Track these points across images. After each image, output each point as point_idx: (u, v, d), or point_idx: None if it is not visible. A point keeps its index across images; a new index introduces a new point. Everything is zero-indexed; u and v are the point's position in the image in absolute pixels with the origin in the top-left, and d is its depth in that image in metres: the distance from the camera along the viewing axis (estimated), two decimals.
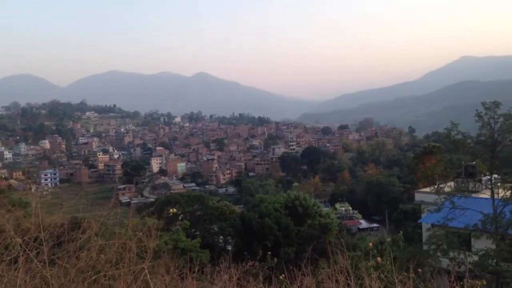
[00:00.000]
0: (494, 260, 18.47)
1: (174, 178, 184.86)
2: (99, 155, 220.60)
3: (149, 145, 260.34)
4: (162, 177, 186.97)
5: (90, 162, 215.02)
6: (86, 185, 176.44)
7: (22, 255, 4.53)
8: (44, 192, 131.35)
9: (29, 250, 4.59)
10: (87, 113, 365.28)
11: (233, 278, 7.01)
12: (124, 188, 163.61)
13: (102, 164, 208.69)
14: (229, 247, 44.55)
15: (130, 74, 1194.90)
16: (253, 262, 8.43)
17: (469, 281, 6.83)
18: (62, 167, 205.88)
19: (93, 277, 4.59)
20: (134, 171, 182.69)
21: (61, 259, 4.88)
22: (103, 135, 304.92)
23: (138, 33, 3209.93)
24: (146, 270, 3.97)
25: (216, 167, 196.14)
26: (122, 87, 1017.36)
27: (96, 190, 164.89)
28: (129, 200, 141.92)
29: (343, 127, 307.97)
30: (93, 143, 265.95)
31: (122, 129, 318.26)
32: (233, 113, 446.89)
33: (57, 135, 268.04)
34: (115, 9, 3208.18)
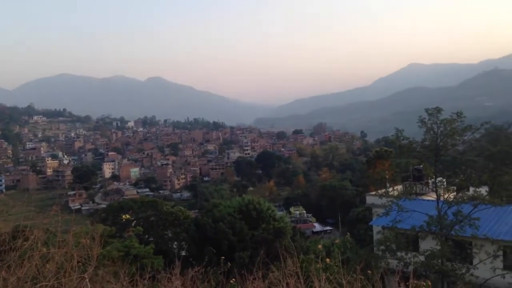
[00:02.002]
0: (439, 260, 19.22)
1: (127, 183, 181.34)
2: (47, 160, 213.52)
3: (101, 150, 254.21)
4: (115, 182, 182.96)
5: (38, 168, 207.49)
6: (34, 191, 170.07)
7: None
8: None
9: None
10: (35, 117, 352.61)
11: (184, 283, 6.99)
12: (75, 194, 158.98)
13: (51, 170, 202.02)
14: (183, 253, 44.11)
15: (82, 78, 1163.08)
16: (204, 268, 8.41)
17: (415, 281, 7.08)
18: (8, 173, 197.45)
19: (35, 287, 4.45)
20: (85, 176, 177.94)
21: (1, 269, 4.70)
22: (52, 140, 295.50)
23: (90, 35, 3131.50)
24: (87, 280, 3.88)
25: (171, 172, 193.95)
26: (73, 90, 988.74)
27: (44, 197, 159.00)
28: (79, 206, 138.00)
29: (297, 132, 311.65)
30: (42, 148, 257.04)
31: (72, 134, 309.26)
32: (188, 118, 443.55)
33: (2, 140, 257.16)
34: (65, 10, 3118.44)
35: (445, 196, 21.16)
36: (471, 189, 22.00)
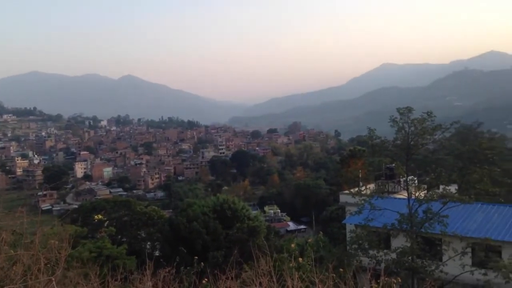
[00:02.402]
0: (410, 257, 19.59)
1: (100, 183, 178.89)
2: (17, 160, 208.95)
3: (73, 150, 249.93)
4: (87, 182, 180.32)
5: (7, 167, 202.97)
6: (2, 192, 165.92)
7: None
8: None
9: None
10: (4, 116, 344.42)
11: (156, 284, 6.94)
12: (45, 195, 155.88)
13: (21, 170, 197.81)
14: (157, 253, 43.79)
15: (53, 76, 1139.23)
16: (176, 268, 8.36)
17: (385, 278, 7.18)
18: None
19: None
20: (56, 176, 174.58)
21: None
22: (22, 139, 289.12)
23: (62, 32, 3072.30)
24: (54, 282, 3.81)
25: (145, 171, 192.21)
26: (44, 89, 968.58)
27: (14, 197, 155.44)
28: (50, 207, 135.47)
29: (272, 131, 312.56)
30: (11, 147, 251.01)
31: (43, 133, 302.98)
32: (162, 117, 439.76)
33: None
34: (35, 7, 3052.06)
35: (416, 194, 21.56)
36: (441, 187, 22.48)
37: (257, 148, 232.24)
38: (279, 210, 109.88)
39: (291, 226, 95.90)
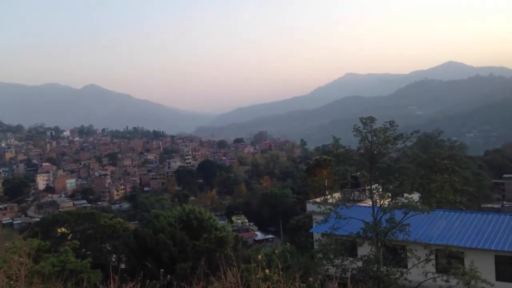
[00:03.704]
0: (375, 265, 19.92)
1: (63, 195, 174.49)
2: None
3: (34, 161, 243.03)
4: (49, 194, 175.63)
5: None
6: None
7: None
8: None
9: None
10: None
11: None
12: (5, 208, 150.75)
13: None
14: (123, 266, 43.04)
15: (11, 85, 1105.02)
16: (142, 281, 8.28)
17: (352, 287, 7.29)
18: None
19: None
20: (17, 189, 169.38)
21: None
22: None
23: (19, 41, 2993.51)
24: None
25: (109, 182, 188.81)
26: (2, 98, 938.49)
27: None
28: (11, 220, 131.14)
29: (238, 141, 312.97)
30: None
31: (3, 144, 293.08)
32: (127, 127, 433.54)
33: None
34: None
35: (380, 203, 21.97)
36: (405, 195, 23.01)
37: (223, 158, 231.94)
38: (247, 220, 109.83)
39: (259, 235, 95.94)
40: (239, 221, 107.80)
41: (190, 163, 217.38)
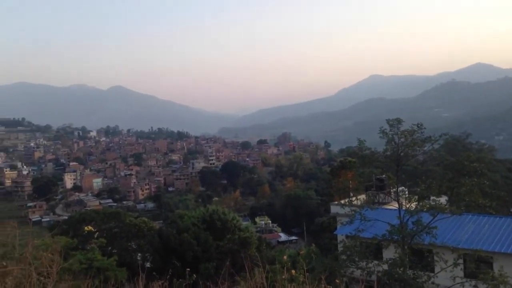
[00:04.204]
0: (401, 269, 19.63)
1: (90, 194, 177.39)
2: (6, 171, 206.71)
3: (62, 161, 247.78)
4: (77, 193, 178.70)
5: None
6: None
7: None
8: None
9: None
10: None
11: None
12: (35, 206, 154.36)
13: (10, 181, 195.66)
14: (148, 265, 43.47)
15: (40, 86, 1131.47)
16: (169, 280, 8.33)
17: None
18: None
19: None
20: (45, 187, 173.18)
21: None
22: (11, 150, 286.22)
23: (48, 43, 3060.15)
24: None
25: (134, 182, 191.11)
26: (32, 99, 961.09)
27: (2, 209, 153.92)
28: (40, 218, 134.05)
29: (262, 142, 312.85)
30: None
31: (32, 144, 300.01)
32: (152, 128, 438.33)
33: None
34: (22, 16, 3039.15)
35: (407, 206, 21.66)
36: (432, 198, 22.62)
37: (247, 159, 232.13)
38: (270, 221, 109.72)
39: (283, 237, 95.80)
40: (263, 222, 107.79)
41: (213, 164, 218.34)
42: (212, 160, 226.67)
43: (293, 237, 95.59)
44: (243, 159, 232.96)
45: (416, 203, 21.88)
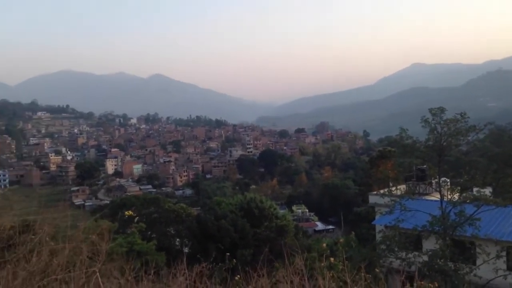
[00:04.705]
0: (442, 260, 19.23)
1: (130, 180, 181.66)
2: (51, 156, 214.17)
3: (104, 147, 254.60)
4: (118, 179, 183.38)
5: (41, 163, 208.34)
6: (37, 187, 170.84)
7: None
8: None
9: None
10: (39, 113, 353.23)
11: (190, 279, 7.01)
12: (78, 190, 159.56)
13: (55, 166, 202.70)
14: (186, 250, 44.26)
15: (83, 74, 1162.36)
16: (209, 264, 8.44)
17: (420, 282, 7.07)
18: (11, 169, 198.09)
19: (44, 281, 4.49)
20: (88, 173, 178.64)
21: (10, 263, 4.74)
22: (56, 136, 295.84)
23: (91, 32, 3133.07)
24: (98, 273, 3.92)
25: (173, 169, 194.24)
26: (75, 87, 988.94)
27: (48, 192, 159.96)
28: (82, 202, 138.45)
29: (299, 131, 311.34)
30: (45, 144, 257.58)
31: (76, 130, 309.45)
32: (190, 115, 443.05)
33: (6, 136, 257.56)
34: (66, 7, 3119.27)
35: (449, 197, 21.15)
36: (475, 189, 21.99)
37: (284, 148, 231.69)
38: (307, 210, 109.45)
39: (319, 226, 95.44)
40: (300, 211, 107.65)
41: (251, 152, 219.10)
42: (249, 148, 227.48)
43: (330, 226, 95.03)
44: (281, 147, 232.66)
45: (459, 194, 21.32)
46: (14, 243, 5.21)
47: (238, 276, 7.78)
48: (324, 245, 9.40)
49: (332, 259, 7.85)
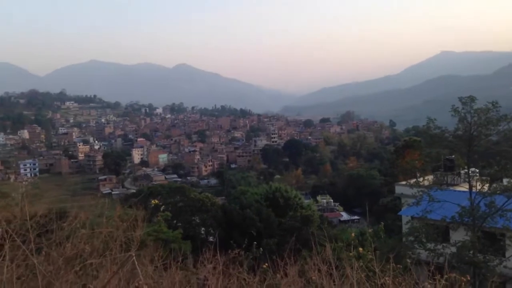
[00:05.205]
0: (471, 252, 18.94)
1: (156, 169, 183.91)
2: (79, 145, 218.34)
3: (130, 136, 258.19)
4: (144, 168, 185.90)
5: (70, 152, 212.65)
6: (66, 175, 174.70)
7: (8, 243, 4.53)
8: (24, 182, 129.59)
9: (14, 239, 4.58)
10: (67, 103, 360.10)
11: (218, 266, 7.07)
12: (105, 179, 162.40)
13: (83, 155, 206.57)
14: (211, 239, 44.69)
15: (110, 64, 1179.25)
16: (238, 251, 8.53)
17: (449, 274, 6.99)
18: (41, 157, 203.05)
19: (80, 265, 4.61)
20: (115, 162, 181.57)
21: (47, 248, 4.89)
22: (83, 125, 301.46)
23: (118, 22, 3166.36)
24: (134, 258, 4.02)
25: (198, 158, 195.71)
26: (102, 77, 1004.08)
27: (77, 181, 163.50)
28: (110, 191, 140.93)
29: (324, 120, 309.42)
30: (73, 133, 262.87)
31: (103, 120, 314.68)
32: (215, 105, 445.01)
33: (36, 125, 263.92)
34: None
35: (478, 187, 20.76)
36: (505, 180, 21.52)
37: (309, 137, 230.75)
38: (332, 200, 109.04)
39: (344, 216, 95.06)
40: (324, 200, 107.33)
41: (276, 141, 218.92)
42: (274, 138, 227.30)
43: (355, 217, 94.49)
44: (305, 137, 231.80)
45: (489, 184, 20.90)
46: (49, 229, 5.35)
47: (266, 264, 7.83)
48: (353, 234, 9.36)
49: (361, 249, 7.82)
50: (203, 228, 49.78)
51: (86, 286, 4.37)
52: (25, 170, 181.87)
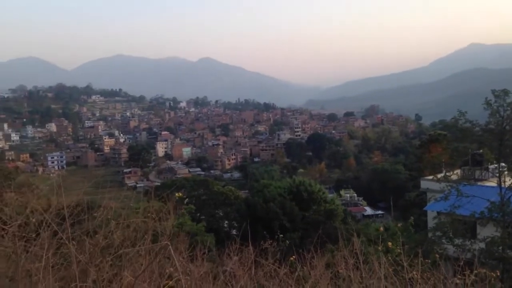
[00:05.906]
0: (500, 248, 18.60)
1: (180, 162, 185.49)
2: (105, 138, 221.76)
3: (155, 130, 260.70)
4: (168, 161, 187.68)
5: (96, 145, 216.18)
6: (92, 168, 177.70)
7: (45, 232, 4.65)
8: (51, 175, 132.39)
9: (50, 227, 4.71)
10: (93, 97, 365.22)
11: (245, 258, 7.09)
12: (130, 172, 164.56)
13: (108, 148, 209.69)
14: (234, 232, 44.95)
15: (137, 59, 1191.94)
16: (271, 241, 8.58)
17: (479, 270, 6.85)
18: (68, 150, 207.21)
19: (115, 254, 4.71)
20: (139, 155, 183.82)
21: (77, 238, 5.00)
22: (109, 119, 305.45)
23: (144, 17, 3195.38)
24: (170, 247, 4.08)
25: (221, 152, 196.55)
26: (128, 71, 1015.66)
27: (102, 174, 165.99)
28: (134, 183, 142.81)
29: (348, 114, 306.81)
30: (99, 126, 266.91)
31: (128, 113, 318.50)
32: (239, 99, 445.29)
33: (63, 118, 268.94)
34: None
35: (508, 182, 20.33)
36: None
37: (333, 131, 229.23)
38: (355, 195, 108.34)
39: (368, 211, 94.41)
40: (348, 195, 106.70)
41: (299, 135, 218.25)
42: (297, 131, 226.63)
43: (379, 212, 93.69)
44: (329, 131, 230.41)
45: None
46: (80, 219, 5.46)
47: (293, 256, 7.82)
48: (381, 228, 9.28)
49: (389, 243, 7.75)
50: (226, 221, 50.14)
51: (120, 274, 4.46)
52: (53, 162, 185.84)
